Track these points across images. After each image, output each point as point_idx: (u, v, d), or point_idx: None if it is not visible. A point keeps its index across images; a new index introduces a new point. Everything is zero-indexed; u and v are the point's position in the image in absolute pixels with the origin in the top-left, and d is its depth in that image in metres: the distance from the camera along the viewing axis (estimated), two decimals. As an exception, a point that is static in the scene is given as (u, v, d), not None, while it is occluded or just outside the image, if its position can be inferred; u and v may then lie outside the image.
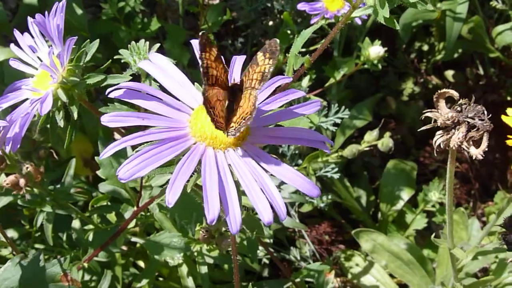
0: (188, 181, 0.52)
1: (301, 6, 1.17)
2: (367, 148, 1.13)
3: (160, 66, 0.61)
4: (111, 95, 0.57)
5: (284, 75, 0.75)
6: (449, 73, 1.72)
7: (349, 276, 1.30)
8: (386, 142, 1.09)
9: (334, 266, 1.31)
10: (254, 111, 0.55)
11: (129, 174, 0.50)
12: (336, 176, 1.14)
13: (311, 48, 1.27)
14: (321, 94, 1.29)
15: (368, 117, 1.48)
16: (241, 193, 0.53)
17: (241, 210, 0.50)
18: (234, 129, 0.54)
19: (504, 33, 1.55)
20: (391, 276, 1.25)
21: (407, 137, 1.64)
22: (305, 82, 1.08)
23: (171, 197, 0.49)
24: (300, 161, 1.27)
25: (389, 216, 1.41)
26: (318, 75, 1.34)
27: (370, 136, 1.10)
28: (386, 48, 1.14)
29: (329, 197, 1.31)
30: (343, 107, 1.10)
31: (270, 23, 1.56)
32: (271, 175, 0.54)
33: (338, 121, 1.09)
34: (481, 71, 1.70)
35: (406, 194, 1.42)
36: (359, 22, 1.17)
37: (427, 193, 1.31)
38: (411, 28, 1.52)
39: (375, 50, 1.10)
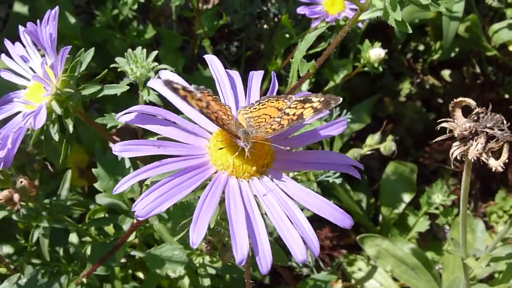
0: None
1: (300, 10, 1.15)
2: (368, 152, 1.11)
3: None
4: (121, 120, 0.53)
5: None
6: (446, 73, 1.71)
7: (353, 281, 1.28)
8: (389, 146, 1.07)
9: (337, 271, 1.28)
10: None
11: (146, 211, 0.46)
12: (338, 181, 1.12)
13: (310, 52, 1.25)
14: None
15: (366, 119, 1.46)
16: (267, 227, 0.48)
17: (271, 247, 0.46)
18: None
19: (500, 31, 1.54)
20: (395, 279, 1.23)
21: (406, 138, 1.62)
22: (305, 86, 1.06)
23: (196, 237, 0.45)
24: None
25: (390, 220, 1.39)
26: (316, 78, 1.32)
27: (372, 140, 1.08)
28: (386, 50, 1.12)
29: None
30: (344, 111, 1.07)
31: (265, 26, 1.53)
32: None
33: (340, 125, 1.06)
34: (478, 70, 1.69)
35: (407, 197, 1.40)
36: (360, 25, 1.14)
37: (430, 195, 1.29)
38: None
39: (375, 53, 1.07)
